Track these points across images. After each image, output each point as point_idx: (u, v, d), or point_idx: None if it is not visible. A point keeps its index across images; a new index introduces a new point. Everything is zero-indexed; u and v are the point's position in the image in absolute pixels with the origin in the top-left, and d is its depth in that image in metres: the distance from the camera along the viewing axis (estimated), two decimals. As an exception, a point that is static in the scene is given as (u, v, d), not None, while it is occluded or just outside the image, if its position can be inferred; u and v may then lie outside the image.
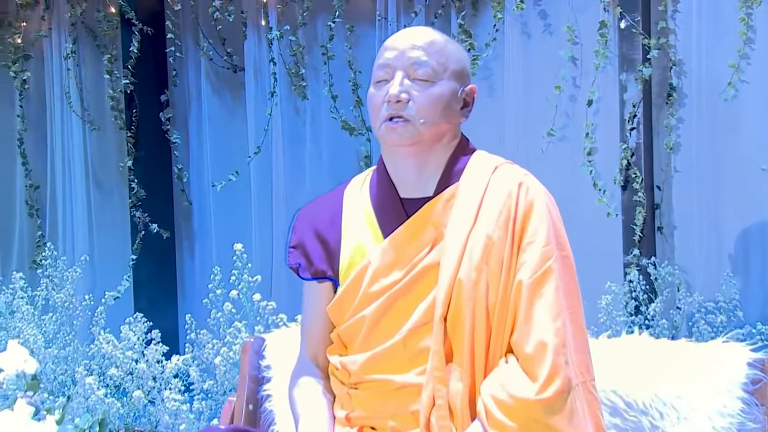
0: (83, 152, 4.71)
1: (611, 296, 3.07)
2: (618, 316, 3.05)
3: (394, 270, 1.69)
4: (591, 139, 3.68)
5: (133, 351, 2.84)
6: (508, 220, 1.66)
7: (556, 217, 1.71)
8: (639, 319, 3.10)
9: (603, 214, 3.62)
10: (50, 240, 4.79)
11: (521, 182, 1.70)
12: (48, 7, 4.77)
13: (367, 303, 1.70)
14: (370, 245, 1.73)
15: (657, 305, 3.11)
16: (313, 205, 1.86)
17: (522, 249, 1.65)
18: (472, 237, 1.66)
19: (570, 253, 1.70)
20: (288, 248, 1.80)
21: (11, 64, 4.75)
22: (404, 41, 1.73)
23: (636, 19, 3.50)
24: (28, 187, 4.82)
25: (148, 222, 4.37)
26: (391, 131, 1.69)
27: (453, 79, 1.72)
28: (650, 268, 3.35)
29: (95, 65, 4.67)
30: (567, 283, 1.67)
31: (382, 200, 1.75)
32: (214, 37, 4.44)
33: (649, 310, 3.04)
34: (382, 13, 4.07)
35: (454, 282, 1.64)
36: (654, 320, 3.02)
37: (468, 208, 1.69)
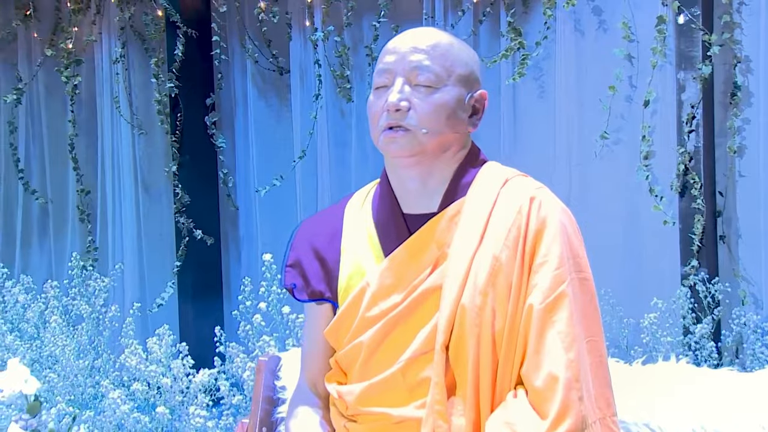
0: (132, 157, 4.68)
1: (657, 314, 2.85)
2: (663, 336, 2.83)
3: (394, 293, 1.55)
4: (648, 142, 3.47)
5: (159, 365, 2.75)
6: (518, 239, 1.50)
7: (574, 235, 1.53)
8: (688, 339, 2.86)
9: (659, 222, 3.41)
10: (100, 245, 4.78)
11: (533, 197, 1.54)
12: (99, 12, 4.76)
13: (365, 328, 1.56)
14: (369, 265, 1.58)
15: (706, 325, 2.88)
16: (313, 220, 1.73)
17: (533, 271, 1.48)
18: (477, 258, 1.50)
19: (589, 275, 1.53)
20: (284, 267, 1.67)
21: (63, 69, 4.74)
22: (405, 44, 1.57)
23: (696, 14, 3.28)
24: (79, 191, 4.81)
25: (192, 228, 4.31)
26: (391, 142, 1.54)
27: (459, 84, 1.56)
28: (699, 285, 3.11)
29: (143, 69, 4.64)
30: (585, 308, 1.50)
31: (384, 216, 1.61)
32: (260, 39, 4.36)
33: (697, 330, 2.81)
34: (429, 12, 3.93)
35: (456, 307, 1.48)
36: (701, 343, 2.80)
37: (474, 225, 1.53)
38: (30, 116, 5.09)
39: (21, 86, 4.97)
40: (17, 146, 5.07)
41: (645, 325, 2.83)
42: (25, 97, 5.02)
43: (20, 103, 4.98)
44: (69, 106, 4.78)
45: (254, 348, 2.91)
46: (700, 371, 1.76)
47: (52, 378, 2.92)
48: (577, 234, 1.54)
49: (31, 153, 5.10)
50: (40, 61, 4.95)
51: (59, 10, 4.89)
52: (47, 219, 5.06)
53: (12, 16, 5.03)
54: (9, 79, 5.12)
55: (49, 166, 5.03)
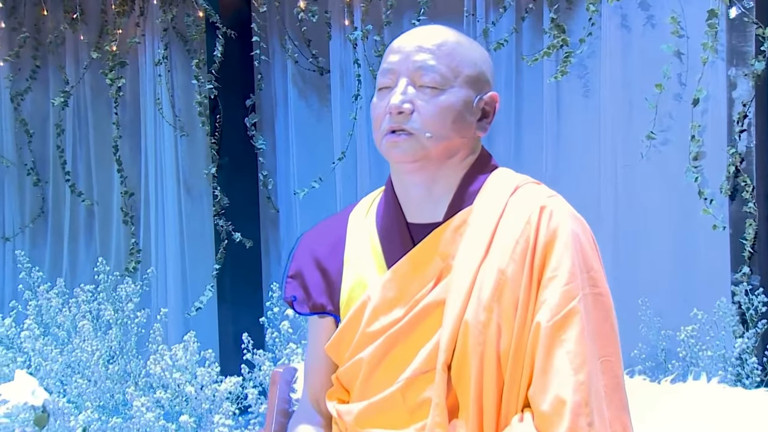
0: (174, 159, 4.66)
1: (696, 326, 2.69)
2: (702, 350, 2.67)
3: (396, 307, 1.46)
4: (697, 143, 3.30)
5: (183, 372, 2.70)
6: (526, 252, 1.40)
7: (588, 247, 1.42)
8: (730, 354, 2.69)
9: (709, 227, 3.24)
10: (143, 247, 4.78)
11: (543, 206, 1.43)
12: (142, 14, 4.76)
13: (366, 344, 1.47)
14: (372, 277, 1.50)
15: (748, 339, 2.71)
16: (316, 230, 1.64)
17: (542, 286, 1.38)
18: (482, 271, 1.40)
19: (605, 290, 1.42)
20: (285, 278, 1.59)
21: (108, 71, 4.76)
22: (410, 43, 1.48)
23: (749, 7, 3.11)
24: (123, 194, 4.82)
25: (231, 230, 4.27)
26: (393, 146, 1.45)
27: (467, 86, 1.46)
28: (740, 296, 2.93)
29: (185, 71, 4.63)
30: (599, 326, 1.39)
31: (388, 226, 1.52)
32: (300, 39, 4.30)
33: (737, 345, 2.64)
34: (470, 9, 3.82)
35: (459, 324, 1.39)
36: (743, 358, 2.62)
37: (479, 236, 1.43)
38: (77, 119, 5.12)
39: (68, 89, 5.00)
40: (64, 148, 5.10)
41: (681, 338, 2.67)
42: (72, 99, 5.05)
43: (67, 105, 5.01)
44: (113, 108, 4.79)
45: (282, 356, 2.85)
46: (733, 392, 1.62)
47: (80, 383, 2.90)
48: (593, 246, 1.43)
49: (78, 155, 5.13)
50: (87, 63, 4.98)
51: (105, 12, 4.90)
52: (93, 221, 5.08)
53: (60, 20, 5.06)
54: (57, 82, 5.16)
55: (95, 168, 5.06)
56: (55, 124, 5.11)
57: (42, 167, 5.25)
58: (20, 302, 3.52)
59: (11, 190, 5.37)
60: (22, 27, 5.22)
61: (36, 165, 5.24)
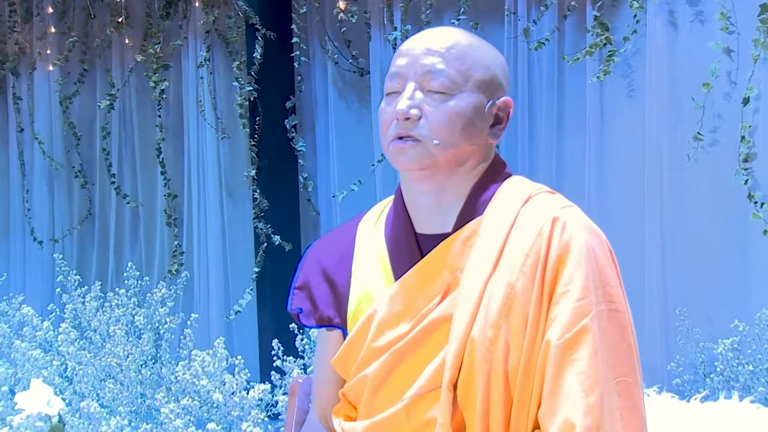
0: (216, 161, 4.66)
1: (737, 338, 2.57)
2: (742, 364, 2.54)
3: (402, 321, 1.39)
4: (748, 144, 3.17)
5: (212, 379, 2.67)
6: (536, 265, 1.32)
7: (604, 261, 1.34)
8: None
9: (759, 232, 3.11)
10: (186, 250, 4.78)
11: (556, 217, 1.35)
12: (185, 17, 4.76)
13: (371, 360, 1.41)
14: (379, 290, 1.44)
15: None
16: (324, 239, 1.59)
17: (554, 302, 1.30)
18: (490, 286, 1.33)
19: (622, 306, 1.33)
20: (292, 289, 1.54)
21: (152, 74, 4.78)
22: (419, 45, 1.42)
23: (802, 1, 2.97)
24: (166, 196, 4.83)
25: (271, 233, 4.25)
26: (400, 153, 1.39)
27: (478, 90, 1.39)
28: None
29: (227, 73, 4.62)
30: (614, 344, 1.30)
31: (396, 236, 1.45)
32: (340, 40, 4.25)
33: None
34: (511, 7, 3.73)
35: (466, 341, 1.32)
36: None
37: (489, 248, 1.36)
38: (122, 121, 5.15)
39: (113, 92, 5.03)
40: (110, 151, 5.14)
41: (719, 351, 2.55)
42: (118, 102, 5.09)
43: (113, 108, 5.05)
44: (156, 111, 4.81)
45: (312, 363, 2.80)
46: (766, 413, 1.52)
47: (112, 388, 2.90)
48: (610, 259, 1.35)
49: (123, 157, 5.16)
50: (132, 66, 5.01)
51: (150, 15, 4.93)
52: (138, 223, 5.11)
53: (107, 24, 5.10)
54: (104, 85, 5.20)
55: (140, 170, 5.08)
56: (101, 127, 5.15)
57: (89, 170, 5.30)
58: (61, 305, 3.54)
59: (60, 192, 5.43)
60: (71, 32, 5.27)
61: (83, 167, 5.29)
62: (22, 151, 5.60)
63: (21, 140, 5.61)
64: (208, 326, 4.60)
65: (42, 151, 5.42)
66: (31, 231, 5.47)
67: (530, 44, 3.64)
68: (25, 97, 5.58)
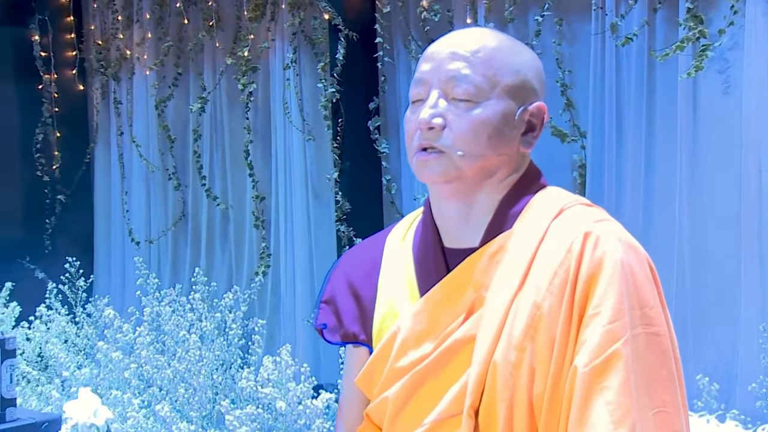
0: (303, 163, 4.64)
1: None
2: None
3: (426, 341, 1.30)
4: None
5: (276, 387, 2.64)
6: (565, 284, 1.21)
7: (642, 280, 1.22)
8: None
9: None
10: (273, 252, 4.79)
11: (588, 232, 1.23)
12: (273, 19, 4.78)
13: (393, 381, 1.32)
14: (403, 306, 1.35)
15: None
16: (354, 251, 1.51)
17: (584, 324, 1.19)
18: (515, 305, 1.23)
19: (663, 329, 1.21)
20: (318, 303, 1.47)
21: (240, 77, 4.81)
22: (444, 49, 1.32)
23: None
24: (254, 198, 4.86)
25: (353, 236, 4.20)
26: (423, 165, 1.30)
27: (507, 97, 1.29)
28: None
29: (313, 74, 4.59)
30: (653, 371, 1.18)
31: (423, 250, 1.37)
32: (423, 39, 4.17)
33: None
34: (599, 2, 3.56)
35: (488, 364, 1.22)
36: None
37: (516, 265, 1.25)
38: (213, 124, 5.21)
39: (205, 95, 5.10)
40: (201, 153, 5.21)
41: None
42: (209, 105, 5.15)
43: (204, 111, 5.11)
44: (245, 113, 4.84)
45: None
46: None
47: (183, 393, 2.91)
48: (650, 277, 1.23)
49: (214, 160, 5.22)
50: (222, 69, 5.06)
51: (240, 19, 4.96)
52: (228, 224, 5.16)
53: (199, 28, 5.17)
54: (196, 88, 5.27)
55: (230, 172, 5.13)
56: (193, 130, 5.22)
57: (182, 172, 5.39)
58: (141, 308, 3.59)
59: (156, 194, 5.54)
60: (166, 36, 5.37)
61: (177, 169, 5.38)
62: (121, 153, 5.74)
63: (121, 143, 5.76)
64: (293, 329, 4.60)
65: (139, 154, 5.54)
66: (129, 231, 5.60)
67: (617, 40, 3.46)
68: (125, 101, 5.72)
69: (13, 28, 6.18)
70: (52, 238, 5.93)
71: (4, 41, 6.24)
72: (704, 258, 3.34)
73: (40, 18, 5.95)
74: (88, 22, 5.98)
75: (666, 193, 3.43)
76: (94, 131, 5.97)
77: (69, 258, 4.77)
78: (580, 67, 3.65)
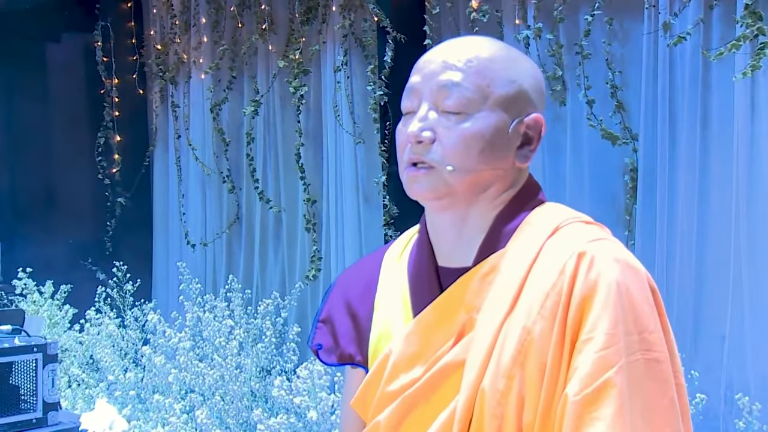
0: (353, 167, 4.60)
1: None
2: None
3: (417, 364, 1.24)
4: None
5: (305, 396, 2.60)
6: (557, 307, 1.13)
7: (642, 303, 1.13)
8: None
9: None
10: (324, 255, 4.77)
11: (582, 252, 1.15)
12: (324, 21, 4.75)
13: (384, 405, 1.27)
14: (397, 327, 1.29)
15: None
16: (353, 268, 1.46)
17: (577, 350, 1.11)
18: (504, 330, 1.16)
19: (664, 355, 1.12)
20: (315, 323, 1.42)
21: (292, 79, 4.80)
22: (436, 58, 1.26)
23: None
24: (305, 201, 4.84)
25: (401, 241, 4.13)
26: (413, 181, 1.24)
27: (500, 108, 1.22)
28: None
29: (363, 77, 4.55)
30: (653, 400, 1.10)
31: (418, 269, 1.31)
32: (473, 41, 4.08)
33: None
34: (652, 0, 3.42)
35: (476, 391, 1.15)
36: None
37: (507, 287, 1.18)
38: (266, 127, 5.22)
39: (258, 98, 5.10)
40: (254, 156, 5.21)
41: None
42: (262, 108, 5.15)
43: (257, 114, 5.12)
44: (296, 116, 4.83)
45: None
46: None
47: (219, 400, 2.90)
48: (650, 301, 1.14)
49: (267, 163, 5.23)
50: (275, 73, 5.06)
51: (292, 21, 4.95)
52: (281, 228, 5.15)
53: (253, 31, 5.18)
54: (250, 92, 5.29)
55: (283, 175, 5.12)
56: (246, 133, 5.23)
57: (236, 174, 5.41)
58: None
59: (211, 197, 5.58)
60: (221, 40, 5.40)
61: (231, 172, 5.40)
62: (178, 156, 5.80)
63: (178, 146, 5.82)
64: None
65: (195, 157, 5.58)
66: (185, 234, 5.65)
67: (670, 39, 3.33)
68: (182, 104, 5.78)
69: (79, 34, 6.32)
70: (112, 240, 6.03)
71: (70, 48, 6.38)
72: (763, 266, 3.18)
73: (103, 24, 6.06)
74: (148, 27, 6.07)
75: (722, 199, 3.28)
76: (153, 135, 6.05)
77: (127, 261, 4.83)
78: (632, 68, 3.52)
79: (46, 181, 6.07)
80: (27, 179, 5.97)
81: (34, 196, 5.95)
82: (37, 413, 3.00)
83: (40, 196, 5.96)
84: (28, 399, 3.00)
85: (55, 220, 5.89)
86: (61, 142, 6.11)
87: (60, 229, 5.83)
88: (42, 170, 6.03)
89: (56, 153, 6.14)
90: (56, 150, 6.14)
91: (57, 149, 6.13)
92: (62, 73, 6.16)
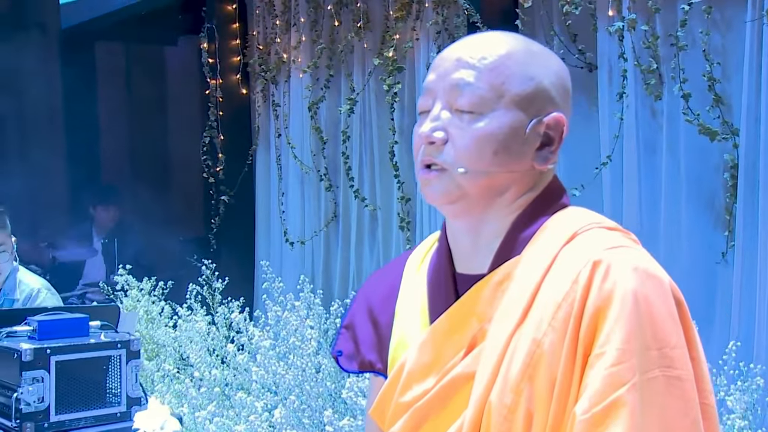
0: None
1: None
2: None
3: (430, 375, 1.18)
4: None
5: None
6: (569, 319, 1.05)
7: (662, 315, 1.03)
8: None
9: None
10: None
11: (598, 261, 1.06)
12: (418, 18, 4.70)
13: (398, 416, 1.21)
14: (414, 336, 1.24)
15: None
16: (377, 273, 1.41)
17: (589, 364, 1.03)
18: (514, 342, 1.09)
19: (686, 373, 1.02)
20: (339, 329, 1.38)
21: (386, 77, 4.77)
22: (451, 56, 1.20)
23: None
24: (399, 199, 4.80)
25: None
26: (426, 184, 1.19)
27: (516, 108, 1.15)
28: None
29: (456, 74, 4.47)
30: (674, 420, 1.01)
31: (436, 276, 1.25)
32: (566, 34, 3.95)
33: None
34: (755, -15, 3.22)
35: (483, 406, 1.08)
36: None
37: (519, 296, 1.11)
38: (362, 125, 5.20)
39: (354, 96, 5.10)
40: (349, 155, 5.21)
41: None
42: (358, 106, 5.14)
43: (353, 112, 5.12)
44: (389, 113, 4.79)
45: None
46: None
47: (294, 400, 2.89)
48: (673, 313, 1.05)
49: (363, 161, 5.21)
50: (370, 70, 5.04)
51: (387, 19, 4.92)
52: (376, 226, 5.13)
53: (350, 29, 5.18)
54: (347, 90, 5.29)
55: (378, 173, 5.10)
56: (342, 131, 5.24)
57: (333, 173, 5.42)
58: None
59: (309, 195, 5.61)
60: (319, 39, 5.43)
61: (328, 171, 5.42)
62: (279, 155, 5.86)
63: (278, 145, 5.88)
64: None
65: (293, 155, 5.63)
66: (284, 232, 5.71)
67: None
68: (282, 103, 5.84)
69: (186, 37, 6.50)
70: (217, 237, 6.16)
71: (178, 51, 6.56)
72: None
73: (208, 26, 6.19)
74: (251, 27, 6.16)
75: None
76: (256, 134, 6.13)
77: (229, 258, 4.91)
78: (733, 58, 3.31)
79: (156, 181, 6.27)
80: (140, 178, 6.18)
81: (145, 193, 6.14)
82: (122, 407, 3.07)
83: (149, 194, 6.14)
84: (112, 393, 3.07)
85: (164, 217, 6.06)
86: (171, 143, 6.29)
87: (167, 226, 5.99)
88: (152, 170, 6.22)
89: (166, 153, 6.33)
90: (166, 150, 6.33)
91: (167, 149, 6.31)
92: (171, 75, 6.34)
